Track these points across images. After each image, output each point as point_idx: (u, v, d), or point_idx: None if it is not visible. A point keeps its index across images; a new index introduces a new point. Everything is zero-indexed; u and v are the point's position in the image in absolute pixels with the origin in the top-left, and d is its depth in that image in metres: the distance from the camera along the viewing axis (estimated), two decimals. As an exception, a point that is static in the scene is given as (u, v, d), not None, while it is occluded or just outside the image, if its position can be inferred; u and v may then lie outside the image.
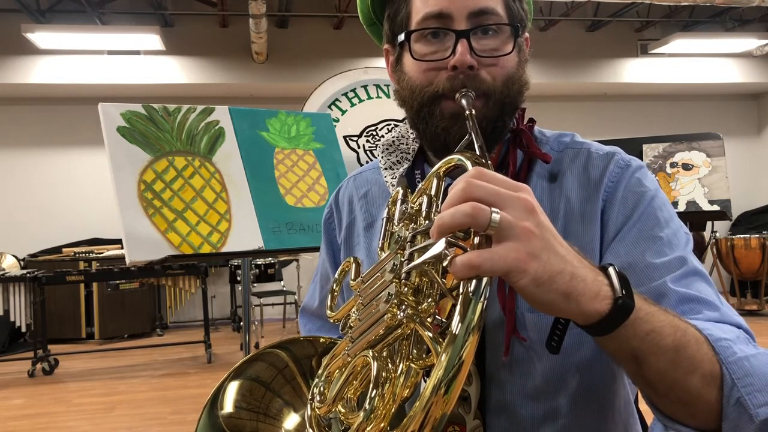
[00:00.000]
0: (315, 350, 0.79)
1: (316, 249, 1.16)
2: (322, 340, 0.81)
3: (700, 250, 6.15)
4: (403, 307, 0.56)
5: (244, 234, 2.52)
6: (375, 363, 0.56)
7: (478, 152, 0.68)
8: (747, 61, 7.80)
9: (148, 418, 4.01)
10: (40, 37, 5.90)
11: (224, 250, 2.48)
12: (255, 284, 6.36)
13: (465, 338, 0.48)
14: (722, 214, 3.24)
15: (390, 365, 0.58)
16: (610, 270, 0.59)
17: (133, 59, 6.64)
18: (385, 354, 0.59)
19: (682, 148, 3.39)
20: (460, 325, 0.49)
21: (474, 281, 0.51)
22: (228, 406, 0.72)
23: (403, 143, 0.95)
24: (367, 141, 3.80)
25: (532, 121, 0.89)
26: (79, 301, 6.52)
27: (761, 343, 0.67)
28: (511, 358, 0.77)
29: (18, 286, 5.47)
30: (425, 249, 0.55)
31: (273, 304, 6.89)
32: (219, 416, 0.71)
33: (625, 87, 7.86)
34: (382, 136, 3.80)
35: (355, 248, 0.96)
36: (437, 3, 0.79)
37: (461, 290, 0.51)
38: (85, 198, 7.17)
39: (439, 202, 0.64)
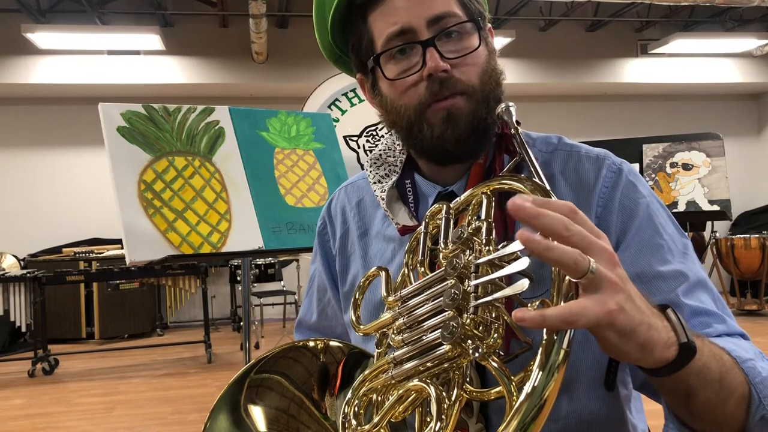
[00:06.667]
0: (319, 360, 0.77)
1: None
2: (316, 345, 0.79)
3: (700, 250, 6.14)
4: (470, 342, 0.57)
5: (244, 234, 2.52)
6: (434, 391, 0.58)
7: (536, 178, 0.68)
8: (747, 61, 7.80)
9: (148, 418, 4.01)
10: (40, 37, 5.90)
11: (224, 250, 2.48)
12: (255, 284, 6.36)
13: (548, 379, 0.50)
14: (722, 214, 3.24)
15: (444, 393, 0.59)
16: (670, 313, 0.60)
17: (133, 59, 6.64)
18: (437, 381, 0.60)
19: (682, 148, 3.39)
20: (540, 372, 0.50)
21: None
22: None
23: (390, 156, 0.94)
24: (367, 141, 3.80)
25: (517, 123, 0.90)
26: (79, 301, 6.52)
27: (761, 343, 0.70)
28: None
29: (18, 286, 5.47)
30: (497, 286, 0.56)
31: (273, 304, 6.89)
32: None
33: (625, 87, 7.86)
34: (382, 136, 3.80)
35: (350, 257, 0.96)
36: (396, 21, 0.80)
37: (545, 337, 0.52)
38: (85, 198, 7.16)
39: (491, 222, 0.65)
